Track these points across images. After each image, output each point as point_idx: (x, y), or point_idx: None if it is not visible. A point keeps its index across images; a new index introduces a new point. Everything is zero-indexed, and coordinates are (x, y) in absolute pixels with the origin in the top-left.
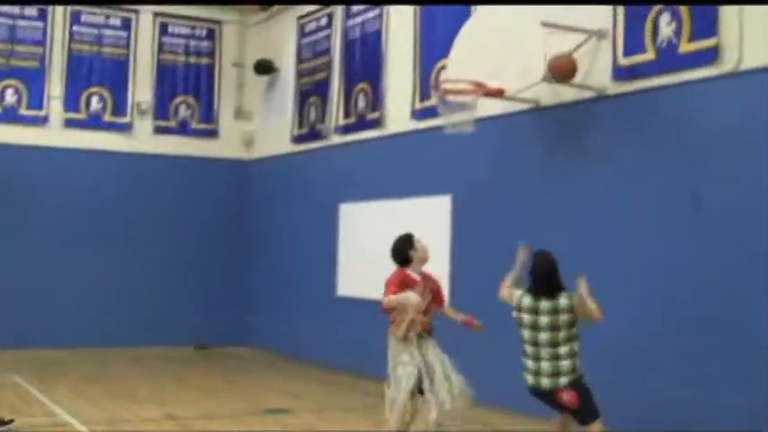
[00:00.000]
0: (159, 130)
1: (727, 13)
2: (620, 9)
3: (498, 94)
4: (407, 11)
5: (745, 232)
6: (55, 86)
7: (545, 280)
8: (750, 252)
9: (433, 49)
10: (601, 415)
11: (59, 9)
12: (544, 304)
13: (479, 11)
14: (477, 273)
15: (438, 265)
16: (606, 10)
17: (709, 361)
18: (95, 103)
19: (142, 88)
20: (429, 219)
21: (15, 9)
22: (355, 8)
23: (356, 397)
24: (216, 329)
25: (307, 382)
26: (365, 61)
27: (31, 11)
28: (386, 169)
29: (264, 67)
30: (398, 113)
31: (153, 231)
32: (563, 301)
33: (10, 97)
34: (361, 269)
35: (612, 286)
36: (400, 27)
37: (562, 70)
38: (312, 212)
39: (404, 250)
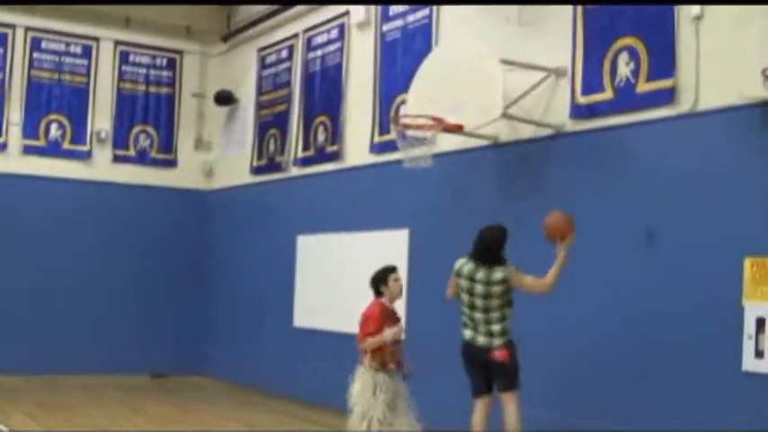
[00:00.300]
0: (118, 159)
1: (685, 53)
2: (579, 47)
3: (457, 129)
4: (368, 44)
5: (696, 268)
6: (14, 113)
7: (485, 251)
8: (700, 288)
9: (392, 83)
10: (519, 389)
11: (20, 35)
12: (480, 274)
13: (439, 46)
14: (434, 306)
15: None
16: (565, 48)
17: (648, 392)
18: (54, 131)
19: (102, 117)
20: (386, 252)
21: None
22: (317, 40)
23: (311, 428)
24: (173, 358)
25: (263, 412)
26: (325, 94)
27: None
28: (344, 202)
29: (224, 98)
30: (357, 147)
31: (110, 259)
32: (497, 274)
33: None
34: (319, 301)
35: (564, 321)
36: (360, 61)
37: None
38: (270, 243)
39: (376, 283)
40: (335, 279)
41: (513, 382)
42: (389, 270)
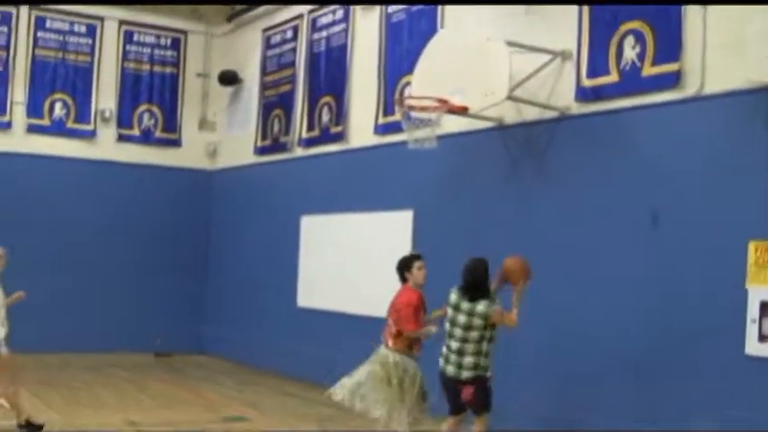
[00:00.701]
0: (122, 138)
1: (691, 38)
2: (585, 30)
3: (462, 111)
4: (373, 25)
5: (701, 252)
6: (18, 92)
7: (473, 286)
8: (704, 273)
9: (397, 64)
10: (489, 411)
11: (24, 14)
12: (464, 305)
13: (445, 28)
14: (438, 287)
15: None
16: (571, 31)
17: (653, 377)
18: (59, 110)
19: (106, 96)
20: (390, 233)
21: None
22: (322, 21)
23: (314, 408)
24: (176, 337)
25: (265, 392)
26: (330, 75)
27: None
28: (348, 183)
29: (229, 79)
30: (362, 128)
31: (115, 239)
32: (480, 307)
33: None
34: (322, 281)
35: (570, 302)
36: (366, 42)
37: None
38: (274, 224)
39: (401, 270)
40: (339, 259)
41: (482, 409)
42: (414, 257)
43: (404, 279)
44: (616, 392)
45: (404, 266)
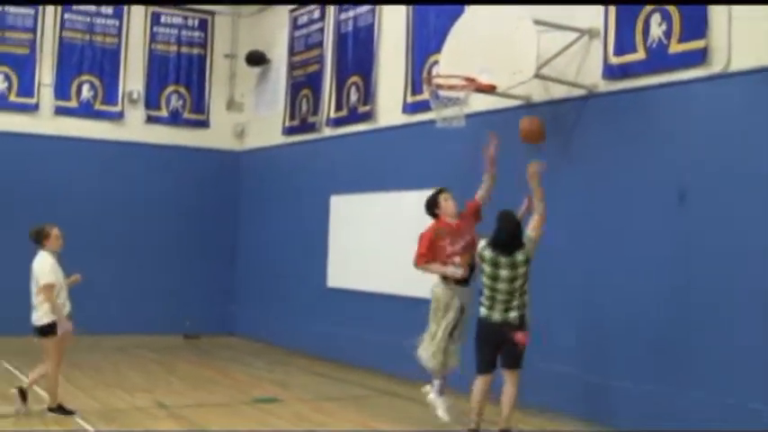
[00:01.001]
0: (150, 120)
1: (717, 15)
2: (612, 9)
3: (490, 89)
4: (401, 6)
5: (730, 230)
6: (46, 74)
7: (510, 239)
8: (733, 251)
9: (425, 43)
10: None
11: None
12: (503, 259)
13: (473, 7)
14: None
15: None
16: (598, 9)
17: (695, 358)
18: (86, 92)
19: (134, 77)
20: (419, 212)
21: None
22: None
23: (345, 387)
24: (205, 319)
25: (296, 372)
26: (357, 55)
27: None
28: (377, 162)
29: (256, 59)
30: (390, 107)
31: (143, 220)
32: (519, 256)
33: (0, 84)
34: (352, 261)
35: (599, 282)
36: (393, 21)
37: (532, 133)
38: (303, 204)
39: (431, 209)
40: (369, 239)
41: (521, 361)
42: (439, 192)
43: (436, 216)
44: (641, 369)
45: (432, 204)
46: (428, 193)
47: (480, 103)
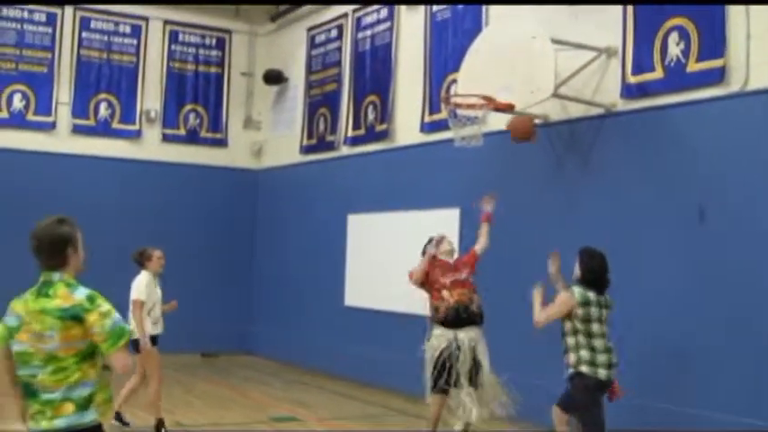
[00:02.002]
0: (168, 139)
1: (735, 34)
2: (630, 27)
3: (508, 108)
4: (418, 24)
5: (749, 248)
6: (63, 92)
7: (605, 275)
8: (750, 269)
9: (443, 63)
10: None
11: (68, 15)
12: (601, 298)
13: (490, 26)
14: (485, 285)
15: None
16: (616, 28)
17: (711, 372)
18: (104, 110)
19: (151, 96)
20: (437, 231)
21: (24, 13)
22: (366, 20)
23: (363, 407)
24: (223, 338)
25: (313, 391)
26: (375, 74)
27: (40, 16)
28: (395, 181)
29: (274, 78)
30: (408, 126)
31: (160, 239)
32: (609, 297)
33: (18, 102)
34: (370, 280)
35: (618, 300)
36: (411, 40)
37: (520, 130)
38: (320, 223)
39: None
40: (386, 258)
41: None
42: (428, 242)
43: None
44: (657, 387)
45: (427, 243)
46: (446, 212)
47: (498, 122)
